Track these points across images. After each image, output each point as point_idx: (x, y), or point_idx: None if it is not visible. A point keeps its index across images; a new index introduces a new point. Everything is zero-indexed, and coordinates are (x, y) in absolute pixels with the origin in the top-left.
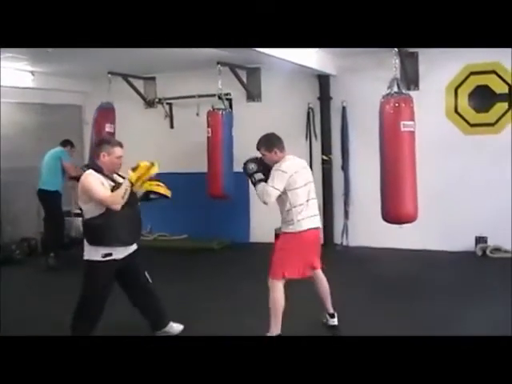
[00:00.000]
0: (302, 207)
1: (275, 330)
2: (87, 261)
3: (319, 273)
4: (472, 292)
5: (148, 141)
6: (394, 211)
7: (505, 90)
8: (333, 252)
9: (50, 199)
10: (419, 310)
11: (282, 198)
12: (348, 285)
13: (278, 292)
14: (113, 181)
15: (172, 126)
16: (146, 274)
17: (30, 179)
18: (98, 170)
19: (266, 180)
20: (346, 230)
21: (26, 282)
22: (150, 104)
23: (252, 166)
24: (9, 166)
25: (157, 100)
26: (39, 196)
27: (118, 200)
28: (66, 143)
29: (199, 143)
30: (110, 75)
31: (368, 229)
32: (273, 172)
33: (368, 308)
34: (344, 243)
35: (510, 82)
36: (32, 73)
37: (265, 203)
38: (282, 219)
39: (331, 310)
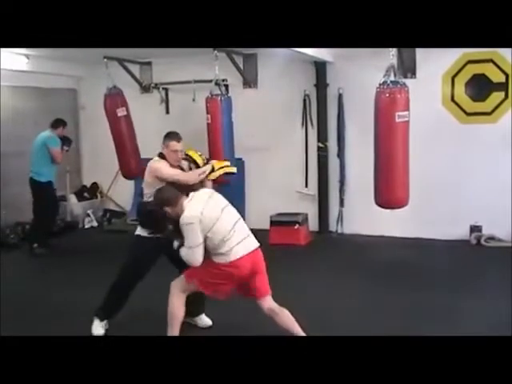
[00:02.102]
0: (229, 237)
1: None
2: (137, 235)
3: (271, 305)
4: (466, 280)
5: (143, 126)
6: (386, 196)
7: (502, 79)
8: (328, 239)
9: (42, 190)
10: (413, 298)
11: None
12: (342, 272)
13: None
14: (181, 169)
15: (168, 112)
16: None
17: (24, 164)
18: (163, 158)
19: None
20: (341, 217)
21: (20, 266)
22: (145, 89)
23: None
24: (3, 150)
25: (153, 85)
26: (31, 185)
27: (193, 177)
28: (57, 124)
29: (195, 129)
30: (105, 60)
31: (363, 216)
32: (182, 228)
33: (362, 296)
34: (339, 231)
35: (507, 71)
36: (27, 56)
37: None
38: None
39: (302, 333)
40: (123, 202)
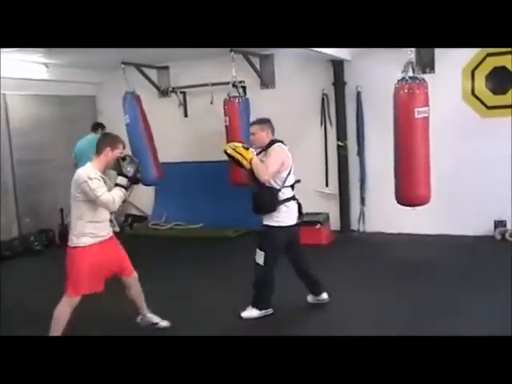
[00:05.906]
0: None
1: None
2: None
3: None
4: (491, 276)
5: (162, 130)
6: (407, 193)
7: None
8: (350, 238)
9: None
10: (437, 296)
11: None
12: (365, 271)
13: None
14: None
15: (186, 115)
16: (257, 255)
17: (46, 171)
18: None
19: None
20: (362, 216)
21: (45, 273)
22: (163, 93)
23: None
24: (25, 158)
25: (170, 89)
26: None
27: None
28: (97, 126)
29: (213, 132)
30: (123, 65)
31: (385, 214)
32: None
33: (385, 293)
34: (361, 229)
35: None
36: (46, 65)
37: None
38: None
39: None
40: (144, 207)
